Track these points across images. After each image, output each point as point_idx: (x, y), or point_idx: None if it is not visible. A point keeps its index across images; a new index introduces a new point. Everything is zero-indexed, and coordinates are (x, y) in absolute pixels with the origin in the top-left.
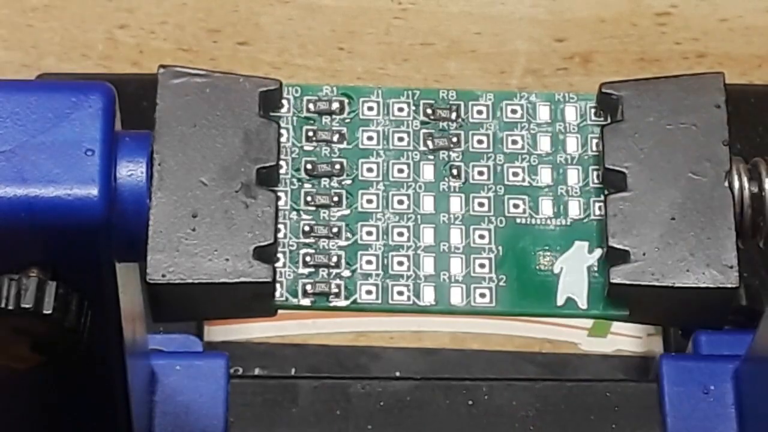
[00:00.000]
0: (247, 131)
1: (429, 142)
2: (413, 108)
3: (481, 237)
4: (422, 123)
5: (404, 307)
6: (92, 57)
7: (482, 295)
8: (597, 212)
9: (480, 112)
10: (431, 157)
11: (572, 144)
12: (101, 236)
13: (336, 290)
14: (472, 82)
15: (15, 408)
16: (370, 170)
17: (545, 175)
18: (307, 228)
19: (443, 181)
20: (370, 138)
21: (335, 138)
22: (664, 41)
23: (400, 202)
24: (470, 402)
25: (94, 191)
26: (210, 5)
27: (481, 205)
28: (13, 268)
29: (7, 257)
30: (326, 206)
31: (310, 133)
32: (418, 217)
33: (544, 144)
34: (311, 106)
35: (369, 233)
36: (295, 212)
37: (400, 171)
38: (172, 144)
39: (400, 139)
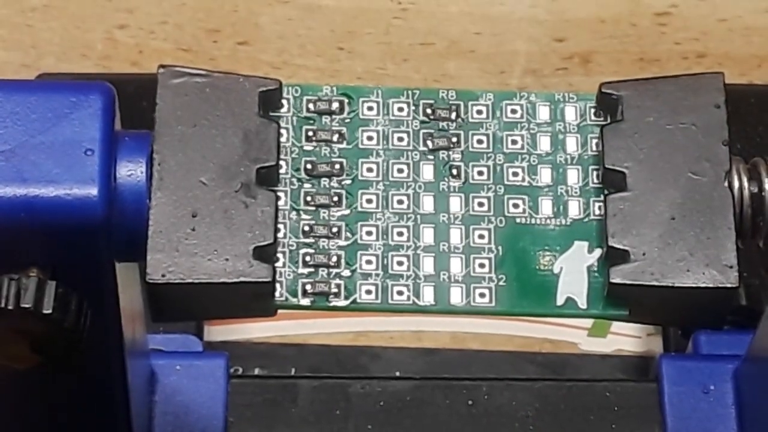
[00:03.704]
0: (246, 131)
1: (429, 142)
2: (413, 108)
3: (481, 237)
4: (422, 123)
5: (404, 306)
6: (92, 57)
7: (482, 295)
8: (597, 212)
9: (480, 112)
10: (431, 157)
11: (572, 144)
12: (101, 236)
13: (336, 290)
14: (471, 82)
15: (15, 408)
16: (369, 170)
17: (545, 175)
18: (306, 228)
19: (443, 181)
20: (369, 138)
21: (335, 138)
22: (664, 41)
23: (400, 202)
24: (470, 402)
25: (93, 191)
26: (210, 5)
27: (480, 205)
28: (13, 268)
29: (6, 257)
30: (326, 206)
31: (310, 133)
32: (418, 217)
33: (544, 144)
34: (311, 106)
35: (369, 233)
36: (294, 212)
37: (400, 171)
38: (171, 144)
39: (400, 139)
